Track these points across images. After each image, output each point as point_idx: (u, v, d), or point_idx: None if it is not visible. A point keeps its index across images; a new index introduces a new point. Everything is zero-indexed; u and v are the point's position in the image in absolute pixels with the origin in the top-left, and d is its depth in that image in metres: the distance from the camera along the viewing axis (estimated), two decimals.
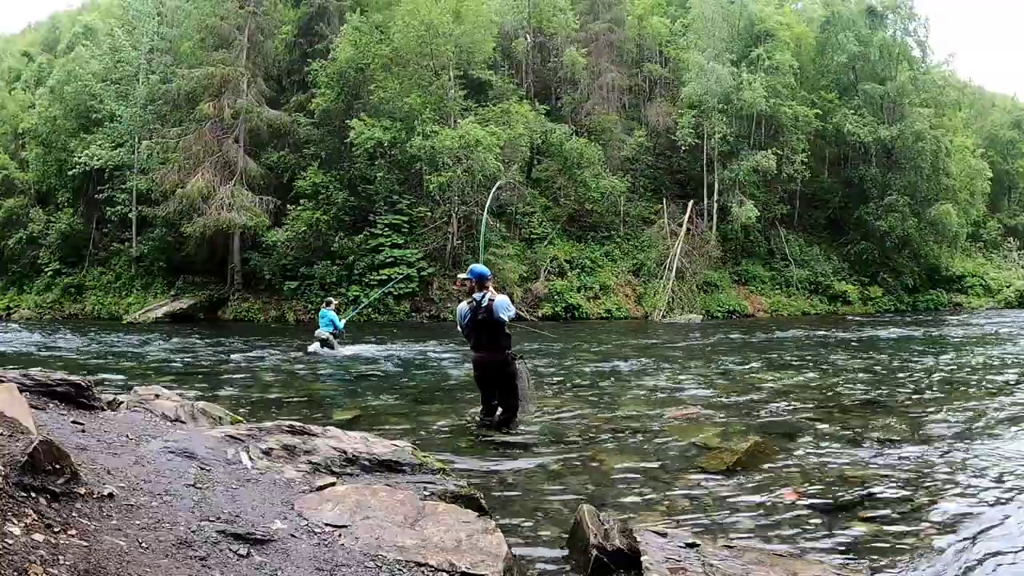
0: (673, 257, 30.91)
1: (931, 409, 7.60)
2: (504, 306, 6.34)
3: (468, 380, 10.44)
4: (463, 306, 6.56)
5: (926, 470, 5.09)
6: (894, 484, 4.73)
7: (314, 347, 14.31)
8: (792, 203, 36.98)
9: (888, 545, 3.68)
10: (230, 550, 2.47)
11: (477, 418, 6.74)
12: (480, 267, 6.62)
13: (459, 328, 6.67)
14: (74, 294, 34.29)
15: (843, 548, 3.64)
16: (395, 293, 27.11)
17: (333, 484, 3.26)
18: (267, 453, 3.57)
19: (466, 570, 2.64)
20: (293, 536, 2.68)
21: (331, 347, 14.22)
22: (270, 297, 29.44)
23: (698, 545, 3.11)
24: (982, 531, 3.83)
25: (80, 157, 32.92)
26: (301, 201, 28.94)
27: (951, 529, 3.89)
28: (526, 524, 3.93)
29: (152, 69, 33.69)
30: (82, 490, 2.51)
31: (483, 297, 6.37)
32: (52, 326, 26.40)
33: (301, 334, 18.59)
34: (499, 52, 34.25)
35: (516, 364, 6.53)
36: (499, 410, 6.59)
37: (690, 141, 33.31)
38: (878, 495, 4.49)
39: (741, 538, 3.66)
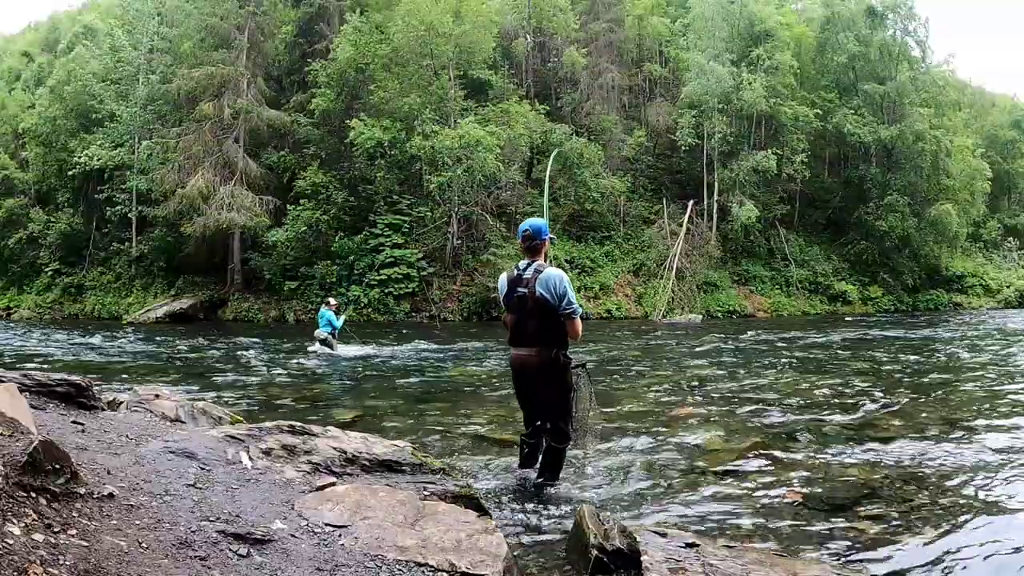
0: (673, 257, 30.90)
1: (932, 408, 7.60)
2: (552, 283, 4.25)
3: (468, 380, 10.45)
4: (503, 276, 4.63)
5: (927, 470, 5.09)
6: (894, 484, 4.73)
7: (314, 347, 14.57)
8: (792, 203, 36.99)
9: (888, 545, 3.68)
10: (230, 550, 2.47)
11: (519, 439, 4.87)
12: (535, 220, 4.61)
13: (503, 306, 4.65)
14: (74, 294, 34.29)
15: (843, 548, 3.64)
16: (396, 293, 27.16)
17: (333, 484, 3.26)
18: (267, 453, 3.56)
19: (466, 570, 2.64)
20: (293, 536, 2.68)
21: (330, 347, 14.37)
22: (270, 297, 29.44)
23: (698, 545, 3.11)
24: (983, 531, 3.83)
25: (80, 157, 32.92)
26: (301, 201, 28.94)
27: (952, 529, 3.89)
28: (526, 524, 3.93)
29: (152, 69, 33.69)
30: (82, 490, 2.51)
31: (527, 266, 4.42)
32: (52, 326, 26.38)
33: (302, 334, 18.58)
34: (499, 52, 34.25)
35: (572, 373, 4.50)
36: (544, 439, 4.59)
37: (690, 141, 33.32)
38: (878, 495, 4.49)
39: (741, 538, 3.66)
